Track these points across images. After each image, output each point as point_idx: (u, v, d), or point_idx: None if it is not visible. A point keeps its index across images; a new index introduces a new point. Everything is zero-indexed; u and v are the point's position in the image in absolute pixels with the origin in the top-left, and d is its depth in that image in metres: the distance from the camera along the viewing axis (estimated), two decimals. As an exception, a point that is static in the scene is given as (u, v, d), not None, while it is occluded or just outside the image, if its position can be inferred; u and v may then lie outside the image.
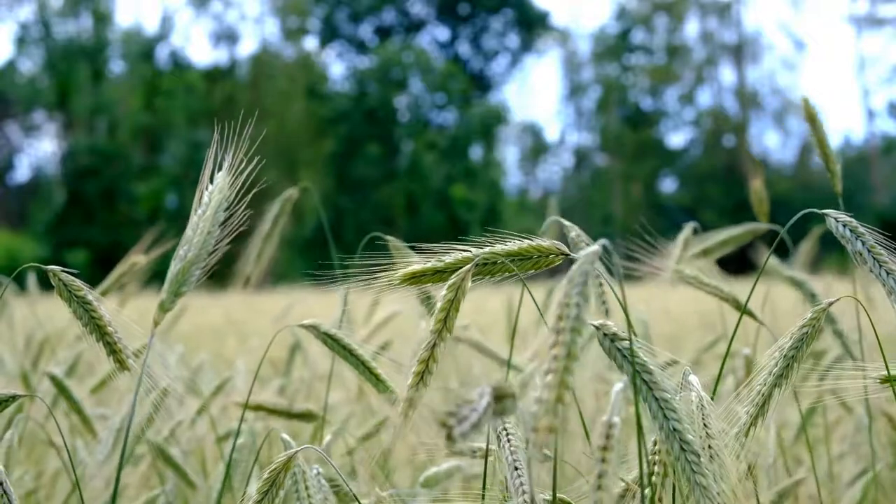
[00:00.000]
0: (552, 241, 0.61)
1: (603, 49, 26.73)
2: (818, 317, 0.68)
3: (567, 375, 0.45)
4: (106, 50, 24.50)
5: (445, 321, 0.59)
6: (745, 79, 26.75)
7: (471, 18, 26.81)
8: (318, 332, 0.84)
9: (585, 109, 26.95)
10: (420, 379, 0.60)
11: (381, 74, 25.01)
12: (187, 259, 0.67)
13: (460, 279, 0.60)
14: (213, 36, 25.86)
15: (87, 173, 22.01)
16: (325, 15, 26.35)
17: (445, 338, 0.59)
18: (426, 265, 0.61)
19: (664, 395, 0.56)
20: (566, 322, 0.46)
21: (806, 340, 0.68)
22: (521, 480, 0.61)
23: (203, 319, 4.23)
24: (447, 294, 0.60)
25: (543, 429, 0.44)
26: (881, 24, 25.94)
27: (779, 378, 0.67)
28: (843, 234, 0.68)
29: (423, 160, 23.71)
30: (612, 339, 0.58)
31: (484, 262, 0.60)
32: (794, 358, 0.68)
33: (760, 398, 0.67)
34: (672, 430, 0.56)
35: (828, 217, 0.69)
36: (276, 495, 0.66)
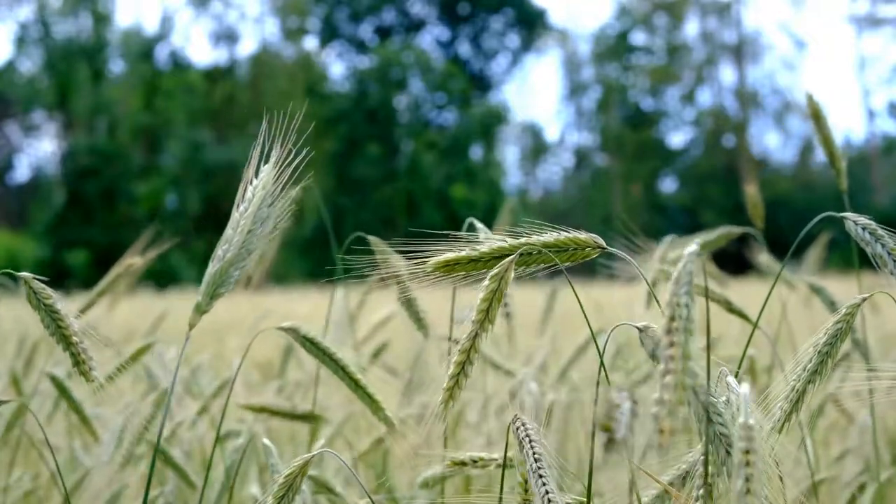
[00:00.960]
0: (589, 234, 0.60)
1: (603, 49, 26.73)
2: (852, 312, 0.68)
3: (685, 376, 0.45)
4: (106, 50, 24.50)
5: (488, 312, 0.58)
6: (745, 79, 26.76)
7: (471, 18, 26.80)
8: (297, 336, 0.82)
9: (585, 109, 26.96)
10: (461, 369, 0.58)
11: (381, 74, 25.00)
12: (226, 259, 0.65)
13: (503, 269, 0.59)
14: (213, 36, 25.87)
15: (87, 173, 22.00)
16: (325, 15, 26.34)
17: (487, 328, 0.58)
18: (461, 253, 0.60)
19: (710, 399, 0.56)
20: (679, 322, 0.46)
21: (840, 337, 0.68)
22: (546, 489, 0.59)
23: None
24: (490, 284, 0.58)
25: (667, 430, 0.44)
26: (881, 24, 25.94)
27: (813, 374, 0.67)
28: (862, 237, 0.67)
29: (423, 160, 23.70)
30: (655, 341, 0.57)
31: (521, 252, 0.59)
32: (829, 354, 0.67)
33: (795, 394, 0.67)
34: (718, 434, 0.55)
35: (846, 220, 0.68)
36: (291, 500, 0.65)
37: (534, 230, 0.60)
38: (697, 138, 26.28)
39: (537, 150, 27.30)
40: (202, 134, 22.90)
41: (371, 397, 0.81)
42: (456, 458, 0.74)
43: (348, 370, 0.81)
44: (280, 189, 0.67)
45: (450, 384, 0.58)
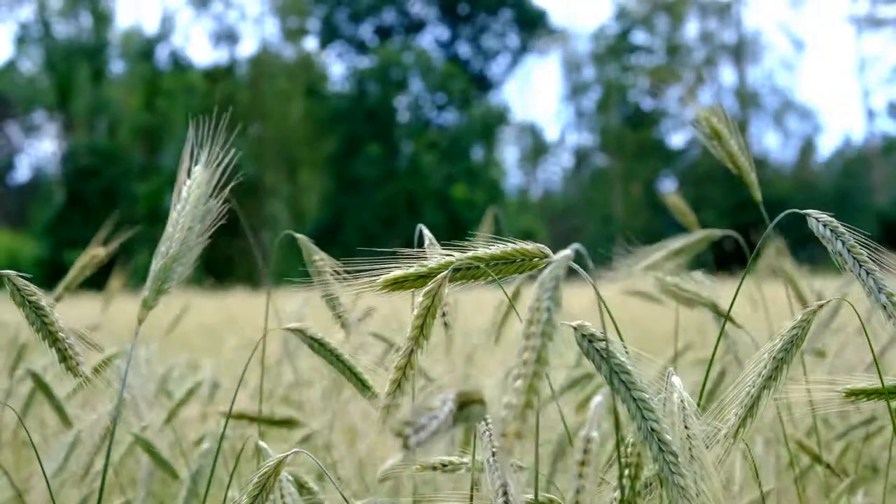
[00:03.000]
0: (536, 245, 0.60)
1: (603, 49, 26.73)
2: (808, 318, 0.68)
3: (537, 381, 0.44)
4: (106, 50, 24.50)
5: (422, 328, 0.58)
6: (745, 79, 26.76)
7: (471, 18, 26.80)
8: (304, 336, 0.83)
9: (585, 109, 26.96)
10: (397, 386, 0.59)
11: (381, 74, 25.00)
12: (169, 255, 0.67)
13: (437, 285, 0.59)
14: (213, 36, 25.87)
15: (87, 173, 22.00)
16: (325, 15, 26.34)
17: (423, 345, 0.58)
18: (409, 270, 0.60)
19: (642, 395, 0.56)
20: (537, 327, 0.46)
21: (795, 342, 0.68)
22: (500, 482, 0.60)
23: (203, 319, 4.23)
24: (424, 301, 0.58)
25: (511, 434, 0.43)
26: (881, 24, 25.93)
27: (768, 380, 0.67)
28: (823, 234, 0.68)
29: (424, 160, 23.70)
30: (589, 339, 0.57)
31: (467, 266, 0.59)
32: (784, 360, 0.67)
33: (749, 399, 0.67)
34: (650, 430, 0.55)
35: (809, 217, 0.69)
36: (265, 499, 0.65)
37: (482, 243, 0.60)
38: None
39: (537, 150, 27.30)
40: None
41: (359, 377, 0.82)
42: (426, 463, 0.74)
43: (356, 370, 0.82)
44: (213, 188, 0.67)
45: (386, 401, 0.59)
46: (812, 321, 0.68)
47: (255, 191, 21.98)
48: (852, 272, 0.66)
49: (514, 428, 0.43)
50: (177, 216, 0.69)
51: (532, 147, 27.20)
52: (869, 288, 0.66)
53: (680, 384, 0.61)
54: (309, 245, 0.94)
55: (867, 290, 0.66)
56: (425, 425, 0.43)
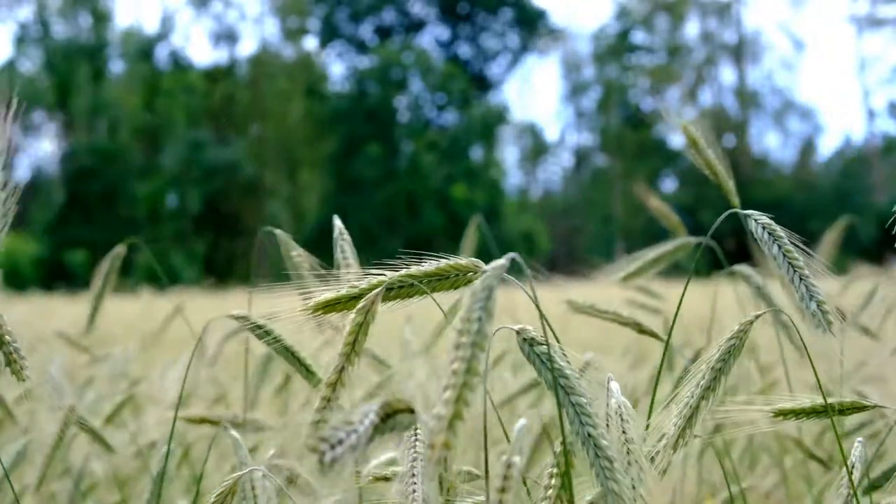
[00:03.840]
0: (470, 260, 0.60)
1: (603, 49, 26.73)
2: (745, 329, 0.68)
3: (466, 391, 0.44)
4: (105, 50, 24.50)
5: (354, 345, 0.58)
6: (745, 79, 26.76)
7: (471, 18, 26.80)
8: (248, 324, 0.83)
9: (585, 109, 26.96)
10: (327, 402, 0.58)
11: (381, 74, 25.00)
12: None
13: (369, 303, 0.58)
14: (213, 36, 25.87)
15: (87, 173, 22.00)
16: (324, 15, 26.34)
17: (354, 361, 0.58)
18: (340, 293, 0.60)
19: (580, 400, 0.56)
20: (467, 337, 0.45)
21: (733, 353, 0.67)
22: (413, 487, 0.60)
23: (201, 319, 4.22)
24: (356, 318, 0.58)
25: (439, 445, 0.43)
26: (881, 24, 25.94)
27: (706, 391, 0.67)
28: (761, 237, 0.67)
29: (423, 160, 23.70)
30: (530, 343, 0.57)
31: (400, 284, 0.59)
32: (721, 370, 0.67)
33: (689, 410, 0.67)
34: (587, 435, 0.55)
35: (748, 218, 0.68)
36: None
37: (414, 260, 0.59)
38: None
39: (537, 150, 27.30)
40: (202, 134, 22.89)
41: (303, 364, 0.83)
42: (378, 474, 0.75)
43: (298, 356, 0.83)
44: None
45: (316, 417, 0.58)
46: (748, 332, 0.68)
47: (255, 191, 21.98)
48: (786, 277, 0.66)
49: (442, 439, 0.43)
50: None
51: (532, 147, 27.21)
52: (801, 294, 0.65)
53: (618, 389, 0.61)
54: (288, 241, 0.94)
55: (799, 295, 0.65)
56: (343, 440, 0.42)
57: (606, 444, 0.55)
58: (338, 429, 0.43)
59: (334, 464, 0.42)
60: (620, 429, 0.59)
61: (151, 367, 1.71)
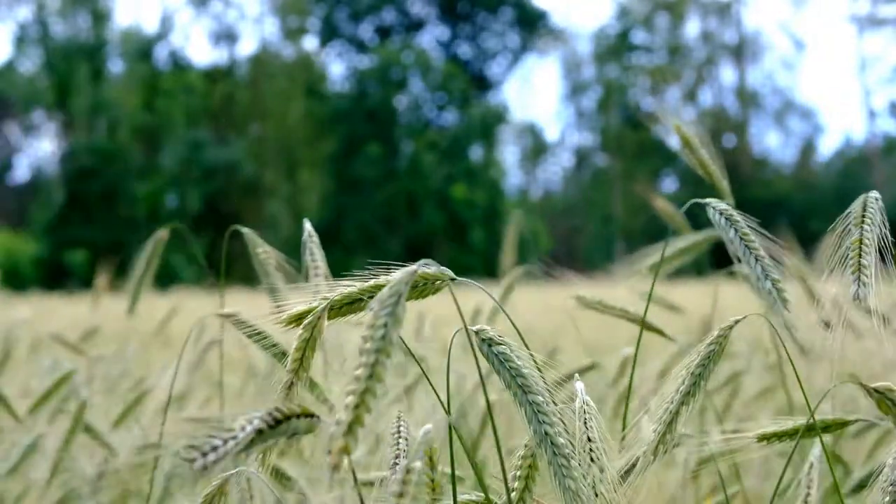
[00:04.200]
0: (438, 268, 0.59)
1: (603, 49, 26.72)
2: (725, 335, 0.68)
3: (369, 397, 0.44)
4: (105, 49, 24.50)
5: (302, 360, 0.58)
6: (745, 79, 26.76)
7: (471, 18, 26.80)
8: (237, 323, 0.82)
9: (585, 109, 26.96)
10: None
11: (381, 74, 25.00)
12: None
13: (316, 318, 0.58)
14: (212, 35, 25.86)
15: (87, 173, 22.00)
16: (324, 14, 26.34)
17: (303, 377, 0.58)
18: (311, 305, 0.59)
19: (536, 399, 0.56)
20: (372, 343, 0.45)
21: (713, 358, 0.67)
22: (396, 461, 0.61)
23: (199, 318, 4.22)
24: (303, 333, 0.58)
25: (337, 450, 0.43)
26: (882, 24, 25.94)
27: (686, 396, 0.67)
28: (718, 223, 0.68)
29: (423, 160, 23.70)
30: (489, 343, 0.57)
31: (370, 294, 0.59)
32: (701, 376, 0.67)
33: (668, 416, 0.66)
34: (544, 434, 0.56)
35: (707, 206, 0.69)
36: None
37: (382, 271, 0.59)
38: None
39: (537, 150, 27.30)
40: (202, 134, 22.89)
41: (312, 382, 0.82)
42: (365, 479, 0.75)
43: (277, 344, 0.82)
44: None
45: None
46: (728, 337, 0.68)
47: (254, 191, 21.98)
48: (742, 259, 0.66)
49: (342, 444, 0.43)
50: None
51: (532, 147, 27.21)
52: (756, 275, 0.65)
53: (582, 389, 0.61)
54: (254, 238, 0.94)
55: (755, 276, 0.65)
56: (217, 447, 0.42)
57: (563, 443, 0.55)
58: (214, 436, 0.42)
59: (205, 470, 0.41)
60: (583, 428, 0.59)
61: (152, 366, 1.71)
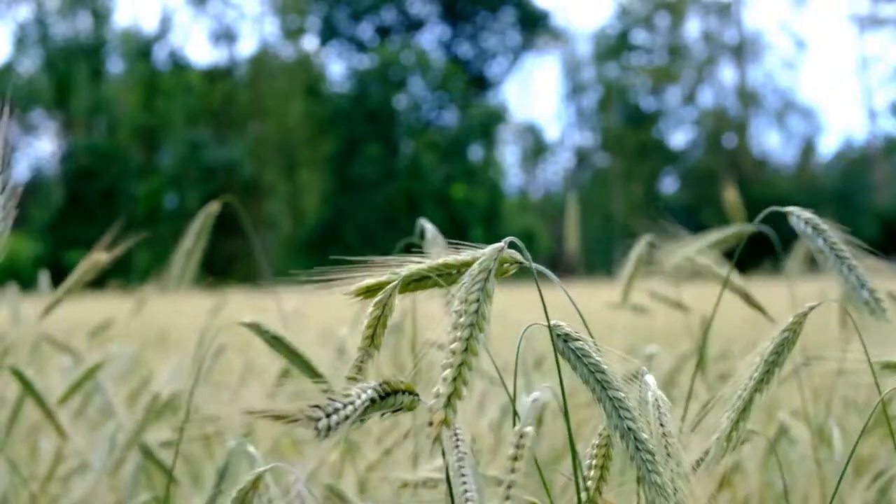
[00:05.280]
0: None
1: (603, 49, 26.73)
2: (799, 321, 0.68)
3: (465, 370, 0.45)
4: (104, 49, 24.50)
5: (373, 338, 0.58)
6: (746, 78, 26.76)
7: (471, 18, 26.80)
8: (259, 331, 0.81)
9: (585, 109, 26.96)
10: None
11: (381, 74, 25.00)
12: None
13: (387, 296, 0.58)
14: (212, 35, 25.86)
15: (86, 173, 22.00)
16: (324, 14, 26.34)
17: (373, 354, 0.58)
18: (381, 279, 0.59)
19: (617, 395, 0.56)
20: (466, 317, 0.47)
21: (787, 345, 0.67)
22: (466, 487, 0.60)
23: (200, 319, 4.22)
24: (374, 311, 0.58)
25: (438, 422, 0.44)
26: (882, 23, 25.94)
27: (759, 383, 0.67)
28: (804, 232, 0.67)
29: (423, 160, 23.70)
30: (565, 339, 0.57)
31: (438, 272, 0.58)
32: (775, 363, 0.67)
33: (742, 403, 0.67)
34: (627, 428, 0.56)
35: (791, 214, 0.68)
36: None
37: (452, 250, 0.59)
38: (698, 138, 26.30)
39: (537, 150, 27.30)
40: (201, 134, 22.89)
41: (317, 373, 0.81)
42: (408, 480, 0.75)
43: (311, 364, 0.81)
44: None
45: None
46: (802, 324, 0.68)
47: (254, 191, 21.98)
48: (833, 269, 0.66)
49: (441, 416, 0.44)
50: None
51: (532, 147, 27.21)
52: (851, 284, 0.65)
53: (654, 383, 0.61)
54: None
55: (850, 286, 0.65)
56: (338, 410, 0.43)
57: (647, 437, 0.56)
58: (335, 399, 0.43)
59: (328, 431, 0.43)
60: (658, 422, 0.59)
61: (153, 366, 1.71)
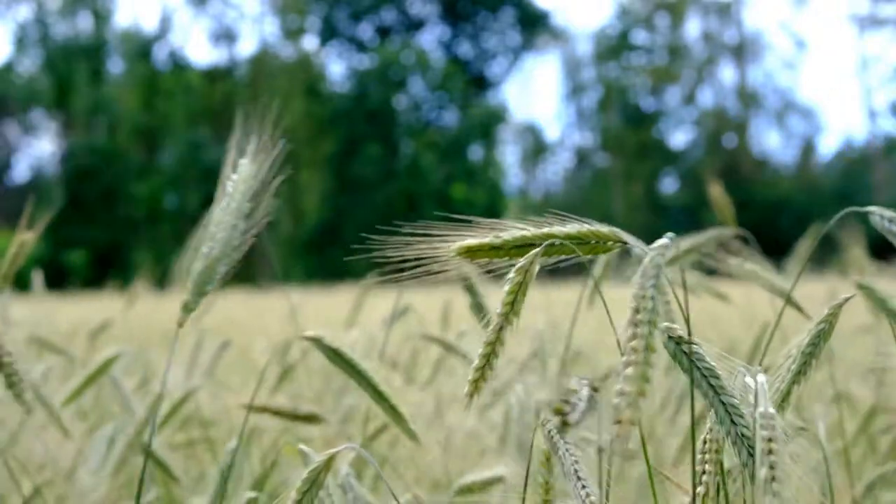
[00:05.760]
0: (611, 228, 0.59)
1: (603, 49, 26.73)
2: (835, 313, 0.68)
3: (647, 368, 0.45)
4: (104, 49, 24.50)
5: (513, 304, 0.58)
6: (746, 78, 26.75)
7: (471, 18, 26.80)
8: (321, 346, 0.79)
9: (586, 109, 26.96)
10: (487, 361, 0.58)
11: (381, 74, 25.00)
12: (212, 256, 0.64)
13: (529, 262, 0.58)
14: (212, 35, 25.86)
15: (87, 173, 22.00)
16: (324, 14, 26.34)
17: (512, 321, 0.58)
18: (483, 240, 0.59)
19: (731, 401, 0.56)
20: (644, 315, 0.47)
21: (823, 337, 0.67)
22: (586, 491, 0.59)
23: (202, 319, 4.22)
24: (515, 277, 0.58)
25: (626, 421, 0.44)
26: (882, 23, 25.94)
27: (796, 375, 0.67)
28: (889, 230, 0.66)
29: (423, 160, 23.70)
30: (677, 342, 0.57)
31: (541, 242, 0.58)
32: (812, 354, 0.67)
33: (779, 395, 0.66)
34: (741, 435, 0.55)
35: (871, 214, 0.68)
36: (314, 496, 0.62)
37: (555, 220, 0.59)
38: (698, 138, 26.29)
39: (537, 150, 27.30)
40: (201, 134, 22.89)
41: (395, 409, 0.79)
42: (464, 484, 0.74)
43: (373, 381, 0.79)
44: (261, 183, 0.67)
45: (475, 376, 0.58)
46: (838, 315, 0.67)
47: (254, 191, 21.93)
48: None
49: (629, 415, 0.44)
50: (221, 214, 0.66)
51: (532, 147, 27.21)
52: None
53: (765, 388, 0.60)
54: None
55: None
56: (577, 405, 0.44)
57: None
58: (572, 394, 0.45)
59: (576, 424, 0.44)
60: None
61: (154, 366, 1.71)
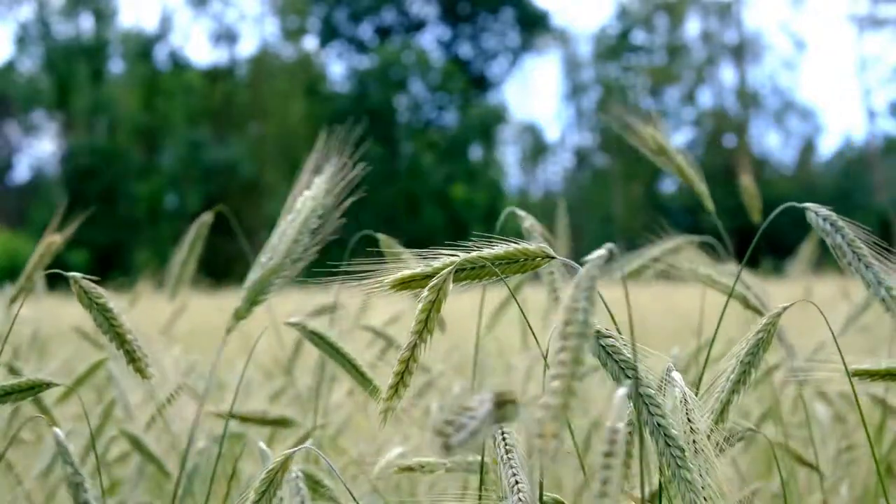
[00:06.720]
0: (538, 245, 0.61)
1: (603, 49, 26.73)
2: (773, 322, 0.68)
3: (573, 381, 0.45)
4: (105, 49, 24.50)
5: (426, 322, 0.60)
6: (745, 79, 26.76)
7: (471, 18, 26.80)
8: (303, 331, 0.84)
9: (585, 109, 26.96)
10: (400, 379, 0.60)
11: (381, 74, 25.00)
12: (269, 267, 0.67)
13: (441, 281, 0.60)
14: (212, 36, 25.86)
15: (87, 173, 22.00)
16: (324, 15, 26.34)
17: (426, 338, 0.60)
18: (415, 271, 0.62)
19: (648, 391, 0.57)
20: (573, 327, 0.47)
21: (761, 346, 0.68)
22: (516, 478, 0.61)
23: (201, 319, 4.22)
24: (428, 295, 0.60)
25: (549, 434, 0.44)
26: (882, 24, 25.94)
27: (736, 384, 0.67)
28: (823, 228, 0.67)
29: (423, 160, 23.71)
30: (596, 336, 0.58)
31: (471, 265, 0.61)
32: (751, 364, 0.68)
33: (719, 405, 0.67)
34: (657, 425, 0.56)
35: (808, 210, 0.68)
36: (272, 496, 0.65)
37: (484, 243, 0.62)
38: (698, 138, 26.29)
39: (537, 150, 27.30)
40: (201, 134, 22.90)
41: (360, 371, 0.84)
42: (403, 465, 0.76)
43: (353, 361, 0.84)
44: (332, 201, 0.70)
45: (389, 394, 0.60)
46: (777, 325, 0.68)
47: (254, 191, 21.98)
48: (851, 266, 0.66)
49: (552, 428, 0.44)
50: (285, 227, 0.69)
51: (532, 147, 27.21)
52: (868, 281, 0.65)
53: (681, 379, 0.61)
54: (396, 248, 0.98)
55: (866, 283, 0.65)
56: (465, 425, 0.44)
57: (676, 434, 0.56)
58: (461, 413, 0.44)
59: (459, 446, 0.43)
60: (686, 418, 0.60)
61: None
